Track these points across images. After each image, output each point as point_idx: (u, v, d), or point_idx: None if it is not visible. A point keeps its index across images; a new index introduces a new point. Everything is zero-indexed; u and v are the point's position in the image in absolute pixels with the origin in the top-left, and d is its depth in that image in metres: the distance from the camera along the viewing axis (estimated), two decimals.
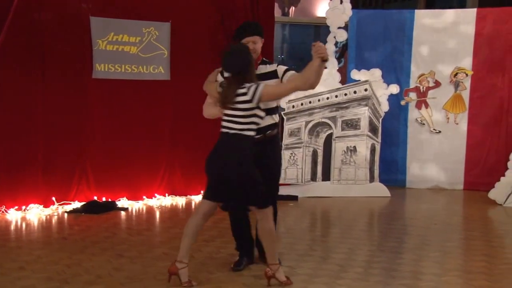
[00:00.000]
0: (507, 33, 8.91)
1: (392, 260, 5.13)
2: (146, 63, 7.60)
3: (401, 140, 9.34)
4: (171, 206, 7.59)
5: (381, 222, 7.23)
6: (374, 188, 8.48)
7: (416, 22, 9.19)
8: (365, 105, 8.44)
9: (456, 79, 9.06)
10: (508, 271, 4.88)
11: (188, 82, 7.84)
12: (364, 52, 9.35)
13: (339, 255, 5.18)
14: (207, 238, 5.75)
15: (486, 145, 9.08)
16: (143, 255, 5.17)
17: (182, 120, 7.88)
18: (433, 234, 6.13)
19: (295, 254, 5.23)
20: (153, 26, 7.60)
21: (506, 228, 6.70)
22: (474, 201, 8.22)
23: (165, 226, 6.50)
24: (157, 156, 7.77)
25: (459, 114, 9.12)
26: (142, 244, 5.56)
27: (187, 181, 7.97)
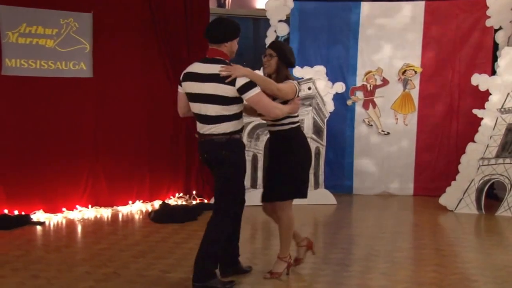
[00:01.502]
0: (457, 27, 9.24)
1: (338, 273, 5.22)
2: (65, 58, 7.46)
3: (348, 143, 9.52)
4: (94, 218, 7.46)
5: (326, 231, 7.35)
6: (319, 195, 8.60)
7: (362, 15, 9.41)
8: (309, 105, 8.56)
9: (405, 77, 9.31)
10: (460, 281, 5.05)
11: (113, 80, 7.78)
12: (307, 48, 9.47)
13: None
14: (136, 253, 5.68)
15: (436, 148, 9.40)
16: (63, 275, 5.06)
17: (107, 122, 7.78)
18: (381, 244, 6.28)
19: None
20: (72, 17, 7.47)
21: (457, 236, 6.94)
22: (424, 207, 8.47)
23: (87, 242, 6.38)
24: (79, 162, 7.63)
25: (408, 115, 9.38)
26: (61, 262, 5.43)
27: (113, 190, 7.87)
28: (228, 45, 4.53)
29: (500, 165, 8.05)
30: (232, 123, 4.48)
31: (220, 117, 4.43)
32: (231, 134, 4.48)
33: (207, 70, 4.44)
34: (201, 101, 4.46)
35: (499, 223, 7.55)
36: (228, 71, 4.32)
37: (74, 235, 6.74)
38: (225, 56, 4.51)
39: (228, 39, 4.52)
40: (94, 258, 5.53)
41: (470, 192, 8.12)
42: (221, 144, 4.46)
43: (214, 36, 4.51)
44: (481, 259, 5.79)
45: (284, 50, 4.86)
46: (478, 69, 8.97)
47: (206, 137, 4.51)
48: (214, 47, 4.52)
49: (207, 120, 4.48)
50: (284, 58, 4.82)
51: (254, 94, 4.36)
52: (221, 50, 4.51)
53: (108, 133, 7.81)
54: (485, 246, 6.37)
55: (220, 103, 4.40)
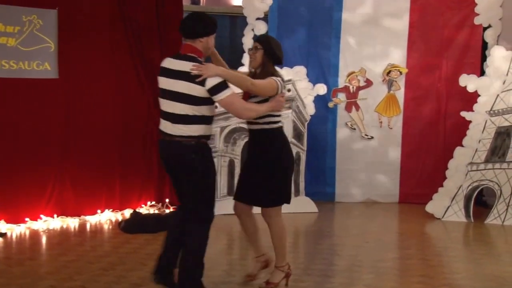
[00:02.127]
0: (444, 25, 9.35)
1: (320, 284, 5.25)
2: (28, 58, 7.40)
3: (329, 147, 9.56)
4: (60, 229, 7.41)
5: (307, 241, 7.38)
6: (299, 203, 8.62)
7: (344, 12, 9.47)
8: (288, 107, 8.59)
9: (389, 78, 9.39)
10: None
11: (80, 81, 7.74)
12: (286, 47, 9.42)
13: (260, 281, 5.23)
14: (105, 266, 5.66)
15: (422, 152, 9.48)
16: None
17: (74, 126, 7.75)
18: (365, 254, 6.32)
19: (209, 282, 5.23)
20: (35, 14, 7.42)
21: (444, 245, 7.02)
22: (410, 215, 8.55)
23: (53, 254, 6.33)
24: (43, 169, 7.57)
25: (393, 117, 9.46)
26: (24, 276, 5.39)
27: (80, 198, 7.83)
28: (204, 41, 4.50)
29: (490, 171, 8.16)
30: (202, 126, 4.44)
31: (189, 117, 4.39)
32: (200, 138, 4.44)
33: (178, 66, 4.41)
34: (170, 98, 4.43)
35: (489, 232, 7.65)
36: (199, 70, 4.28)
37: (38, 247, 6.68)
38: (199, 52, 4.49)
39: (204, 34, 4.49)
40: (60, 271, 5.49)
41: (458, 199, 8.21)
42: (189, 147, 4.41)
43: (188, 30, 4.49)
44: (470, 269, 5.85)
45: (271, 44, 4.84)
46: (466, 69, 9.08)
47: (172, 138, 4.46)
48: (188, 42, 4.50)
49: (175, 119, 4.43)
50: (270, 52, 4.81)
51: (225, 96, 4.33)
52: (195, 46, 4.48)
53: (75, 138, 7.76)
54: (474, 255, 6.44)
55: (189, 103, 4.36)
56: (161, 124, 4.57)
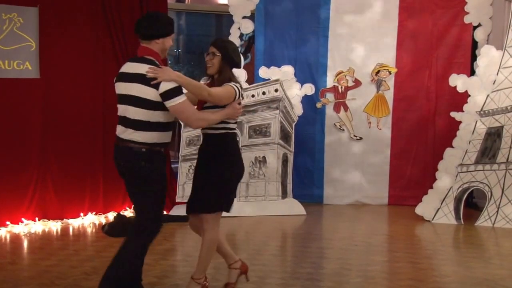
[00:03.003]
0: (433, 24, 9.42)
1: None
2: (8, 57, 7.38)
3: (318, 148, 9.61)
4: (42, 232, 7.38)
5: (295, 244, 7.39)
6: (286, 205, 8.66)
7: (332, 11, 9.52)
8: (276, 108, 8.62)
9: (378, 78, 9.44)
10: None
11: (62, 81, 7.72)
12: (273, 47, 9.53)
13: (247, 285, 5.25)
14: (88, 270, 5.65)
15: (411, 153, 9.55)
16: None
17: (56, 127, 7.73)
18: (353, 257, 6.35)
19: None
20: (15, 12, 7.40)
21: (435, 248, 7.06)
22: (399, 218, 8.60)
23: (35, 258, 6.31)
24: (24, 171, 7.56)
25: (382, 118, 9.51)
26: (5, 281, 5.37)
27: (62, 201, 7.82)
28: (160, 42, 4.43)
29: (480, 172, 8.23)
30: (155, 134, 4.34)
31: (142, 123, 4.29)
32: (153, 146, 4.34)
33: (134, 69, 4.33)
34: (125, 102, 4.35)
35: (479, 234, 7.70)
36: (155, 73, 4.20)
37: (19, 251, 6.66)
38: (155, 54, 4.41)
39: (160, 36, 4.42)
40: (41, 276, 5.48)
41: (448, 201, 8.27)
42: (139, 154, 4.31)
43: (143, 31, 4.42)
44: (460, 272, 5.89)
45: (228, 49, 4.71)
46: (456, 69, 9.17)
47: (124, 143, 4.36)
48: (144, 44, 4.44)
49: (128, 124, 4.34)
50: (228, 58, 4.69)
51: (177, 103, 4.23)
52: (152, 48, 4.42)
53: (57, 139, 7.75)
54: (464, 258, 6.48)
55: (142, 107, 4.27)
56: (117, 129, 4.48)
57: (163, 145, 4.44)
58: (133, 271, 4.54)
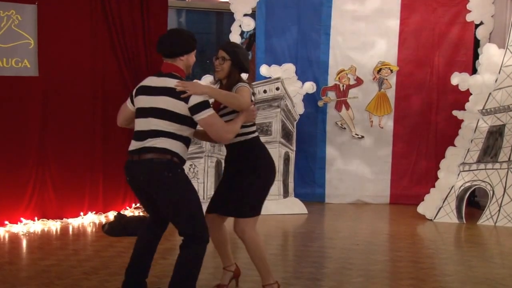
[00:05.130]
0: (435, 23, 9.42)
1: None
2: (7, 55, 7.38)
3: (319, 147, 9.61)
4: (41, 232, 7.38)
5: (296, 243, 7.40)
6: (288, 204, 8.67)
7: (334, 9, 9.52)
8: (277, 106, 8.62)
9: (380, 76, 9.43)
10: None
11: (61, 78, 7.72)
12: (275, 44, 9.53)
13: (248, 285, 5.25)
14: (88, 270, 5.65)
15: (413, 152, 9.55)
16: None
17: (55, 125, 7.73)
18: (355, 257, 6.35)
19: (196, 285, 5.25)
20: (14, 9, 7.40)
21: (436, 247, 7.06)
22: (401, 217, 8.60)
23: (34, 258, 6.31)
24: (23, 170, 7.56)
25: (383, 116, 9.51)
26: (3, 281, 5.37)
27: (62, 201, 7.82)
28: (184, 59, 4.41)
29: (482, 171, 8.22)
30: (179, 144, 4.28)
31: (166, 132, 4.23)
32: (173, 155, 4.24)
33: (161, 83, 4.30)
34: (148, 115, 4.28)
35: (481, 233, 7.71)
36: (184, 87, 4.17)
37: (18, 251, 6.65)
38: (180, 71, 4.40)
39: (184, 53, 4.41)
40: (40, 276, 5.47)
41: (450, 200, 8.27)
42: (162, 165, 4.21)
43: (167, 50, 4.40)
44: (461, 271, 5.89)
45: (238, 54, 4.68)
46: (458, 67, 9.17)
47: (143, 155, 4.24)
48: (168, 61, 4.41)
49: (147, 135, 4.26)
50: (238, 63, 4.67)
51: (207, 115, 4.20)
52: (177, 65, 4.40)
53: (56, 138, 7.74)
54: (466, 257, 6.47)
55: (169, 119, 4.22)
56: (131, 145, 4.40)
57: (183, 161, 4.35)
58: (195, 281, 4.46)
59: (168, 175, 4.22)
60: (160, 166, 4.21)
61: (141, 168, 4.28)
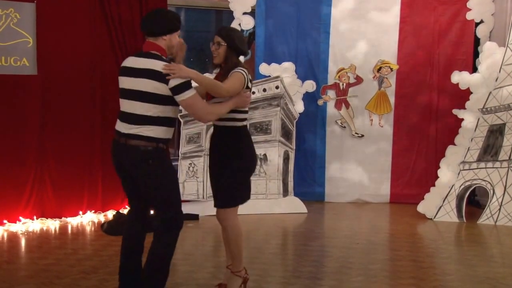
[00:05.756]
0: (435, 21, 9.41)
1: (309, 287, 5.26)
2: (5, 53, 7.38)
3: (319, 146, 9.60)
4: (40, 231, 7.38)
5: (296, 243, 7.39)
6: (288, 203, 8.66)
7: (334, 7, 9.49)
8: (277, 105, 8.61)
9: (380, 75, 9.42)
10: None
11: (60, 77, 7.71)
12: (274, 43, 9.51)
13: (247, 284, 5.26)
14: (87, 269, 5.65)
15: (413, 151, 9.54)
16: None
17: (53, 124, 7.72)
18: (355, 256, 6.35)
19: (195, 284, 5.26)
20: (12, 7, 7.39)
21: (436, 246, 7.06)
22: (401, 216, 8.59)
23: (32, 257, 6.31)
24: (22, 168, 7.55)
25: (383, 115, 9.50)
26: (2, 280, 5.36)
27: (61, 199, 7.81)
28: (167, 39, 4.44)
29: (482, 170, 8.22)
30: (163, 128, 4.34)
31: (151, 118, 4.28)
32: (158, 142, 4.32)
33: (141, 64, 4.33)
34: (132, 98, 4.34)
35: (481, 232, 7.70)
36: (170, 70, 4.19)
37: (17, 250, 6.65)
38: (162, 51, 4.42)
39: (167, 32, 4.43)
40: (39, 275, 5.47)
41: (450, 199, 8.26)
42: (146, 153, 4.29)
43: (150, 28, 4.43)
44: (462, 270, 5.89)
45: (234, 38, 4.71)
46: (458, 66, 9.15)
47: (129, 141, 4.34)
48: (151, 40, 4.44)
49: (135, 120, 4.33)
50: (234, 46, 4.70)
51: (187, 96, 4.23)
52: (159, 44, 4.42)
53: (55, 136, 7.73)
54: (467, 256, 6.48)
55: (153, 102, 4.26)
56: (117, 124, 4.49)
57: (167, 141, 4.44)
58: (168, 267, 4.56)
59: (153, 163, 4.31)
60: (145, 154, 4.30)
61: (128, 154, 4.37)
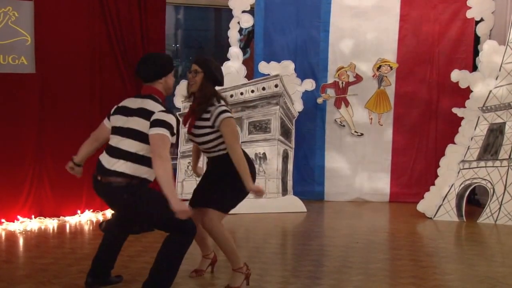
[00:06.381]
0: (435, 19, 9.40)
1: (308, 286, 5.26)
2: (3, 52, 7.37)
3: (318, 145, 9.60)
4: (38, 230, 7.37)
5: (295, 242, 7.39)
6: (287, 202, 8.66)
7: (333, 5, 9.50)
8: (276, 103, 8.60)
9: (380, 73, 9.42)
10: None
11: (58, 75, 7.70)
12: (273, 41, 9.51)
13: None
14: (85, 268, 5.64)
15: (413, 150, 9.55)
16: None
17: (52, 122, 7.71)
18: (354, 255, 6.35)
19: (195, 284, 5.26)
20: (10, 5, 7.39)
21: (436, 245, 7.05)
22: (401, 215, 8.60)
23: (31, 256, 6.30)
24: (20, 167, 7.54)
25: (383, 114, 9.50)
26: (0, 280, 5.36)
27: (59, 198, 7.80)
28: (163, 81, 4.59)
29: (482, 169, 8.22)
30: (143, 168, 4.37)
31: (130, 154, 4.35)
32: (132, 178, 4.36)
33: (137, 105, 4.48)
34: (120, 134, 4.46)
35: (481, 231, 7.71)
36: None
37: (15, 249, 6.64)
38: (159, 94, 4.56)
39: (162, 75, 4.58)
40: (37, 274, 5.46)
41: (450, 198, 8.26)
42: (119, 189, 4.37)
43: (145, 75, 4.57)
44: (462, 270, 5.89)
45: (210, 67, 4.82)
46: (458, 64, 9.15)
47: (104, 178, 4.45)
48: (148, 85, 4.58)
49: (115, 154, 4.42)
50: (210, 75, 4.80)
51: (160, 132, 4.25)
52: (156, 88, 4.57)
53: (53, 135, 7.72)
54: (466, 256, 6.48)
55: (140, 140, 4.34)
56: (102, 156, 4.59)
57: (144, 181, 4.44)
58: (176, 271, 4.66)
59: (127, 197, 4.37)
60: (117, 190, 4.38)
61: (102, 190, 4.55)
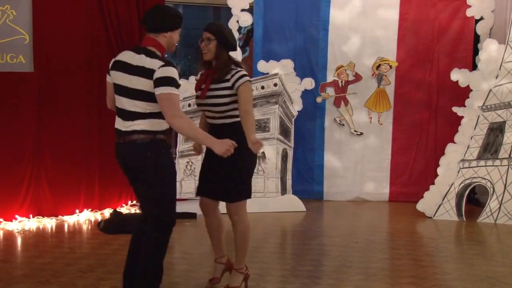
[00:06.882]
0: (435, 18, 9.41)
1: (308, 286, 5.25)
2: (2, 50, 7.38)
3: (317, 144, 9.60)
4: (36, 230, 7.36)
5: (294, 241, 7.39)
6: (286, 202, 8.65)
7: (332, 4, 9.50)
8: (275, 102, 8.60)
9: (379, 72, 9.42)
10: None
11: (57, 74, 7.70)
12: (273, 40, 9.51)
13: None
14: (84, 268, 5.63)
15: (413, 149, 9.55)
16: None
17: (50, 121, 7.71)
18: (354, 255, 6.34)
19: (193, 284, 5.24)
20: (8, 4, 7.39)
21: (436, 245, 7.06)
22: (400, 214, 8.60)
23: (29, 256, 6.30)
24: (18, 166, 7.55)
25: (383, 113, 9.50)
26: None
27: (57, 198, 7.81)
28: (168, 36, 4.38)
29: (482, 168, 8.21)
30: (157, 121, 4.27)
31: (140, 114, 4.24)
32: (155, 134, 4.27)
33: (138, 62, 4.25)
34: (130, 96, 4.28)
35: (481, 231, 7.70)
36: None
37: (13, 249, 6.64)
38: (161, 47, 4.36)
39: (168, 29, 4.37)
40: (36, 274, 5.45)
41: (449, 197, 8.26)
42: (144, 146, 4.25)
43: (152, 23, 4.37)
44: (461, 269, 5.88)
45: (223, 32, 4.70)
46: (458, 63, 9.15)
47: (126, 138, 4.32)
48: (151, 35, 4.37)
49: (127, 116, 4.31)
50: (224, 41, 4.68)
51: (166, 92, 4.12)
52: (158, 41, 4.35)
53: (51, 134, 7.72)
54: (466, 255, 6.47)
55: (148, 100, 4.20)
56: (116, 121, 4.45)
57: (163, 132, 4.35)
58: (161, 264, 4.48)
59: (152, 156, 4.25)
60: (142, 147, 4.26)
61: (127, 150, 4.35)
